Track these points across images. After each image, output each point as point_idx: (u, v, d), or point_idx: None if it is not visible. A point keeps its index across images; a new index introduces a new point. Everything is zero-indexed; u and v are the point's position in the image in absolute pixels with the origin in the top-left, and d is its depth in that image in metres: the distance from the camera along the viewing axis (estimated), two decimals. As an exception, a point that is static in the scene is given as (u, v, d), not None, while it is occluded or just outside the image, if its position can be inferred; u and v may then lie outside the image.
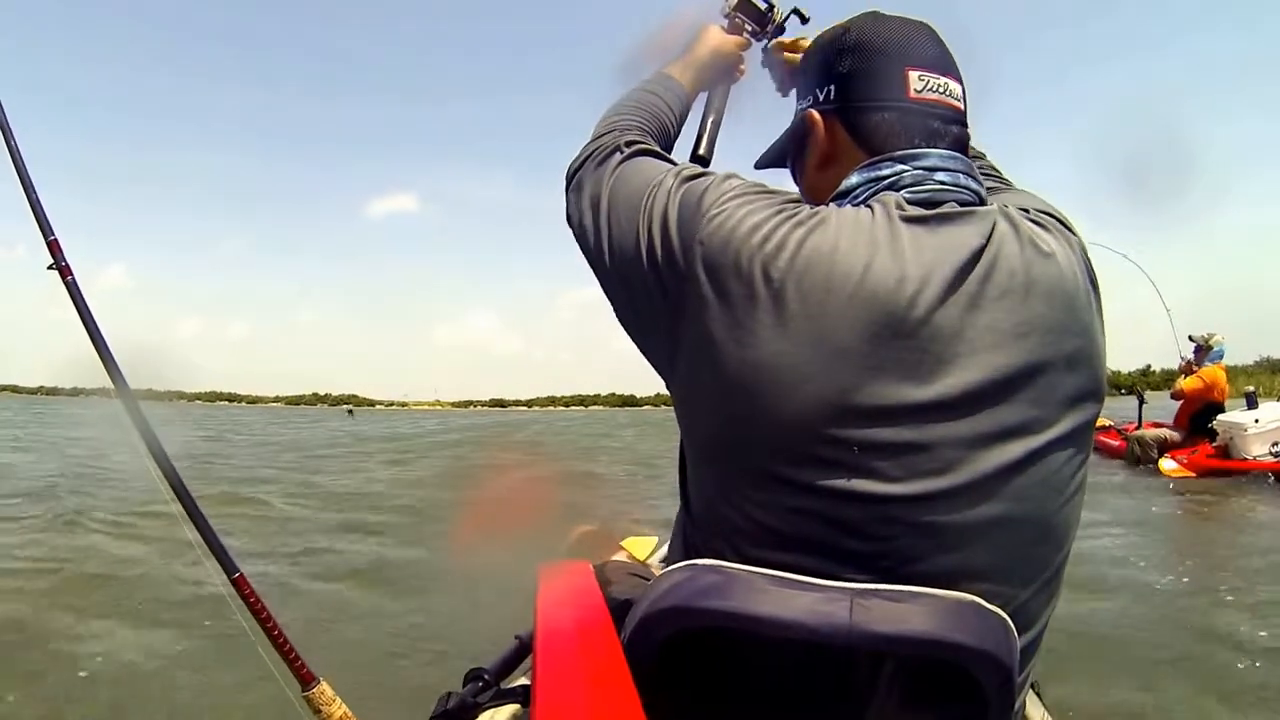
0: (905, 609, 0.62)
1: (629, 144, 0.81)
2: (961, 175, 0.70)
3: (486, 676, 0.92)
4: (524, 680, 0.93)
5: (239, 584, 1.34)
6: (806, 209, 0.65)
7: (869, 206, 0.66)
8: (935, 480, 0.61)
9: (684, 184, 0.70)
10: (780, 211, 0.65)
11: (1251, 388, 7.32)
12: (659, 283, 0.68)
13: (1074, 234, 0.70)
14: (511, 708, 0.86)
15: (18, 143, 1.51)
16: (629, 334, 0.75)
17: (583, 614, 0.74)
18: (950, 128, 0.72)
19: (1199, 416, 7.25)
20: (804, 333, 0.60)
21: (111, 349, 1.50)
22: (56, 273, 1.52)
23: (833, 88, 0.75)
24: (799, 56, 0.96)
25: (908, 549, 0.62)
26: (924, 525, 0.61)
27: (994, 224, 0.64)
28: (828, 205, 0.68)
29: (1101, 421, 9.94)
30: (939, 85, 0.72)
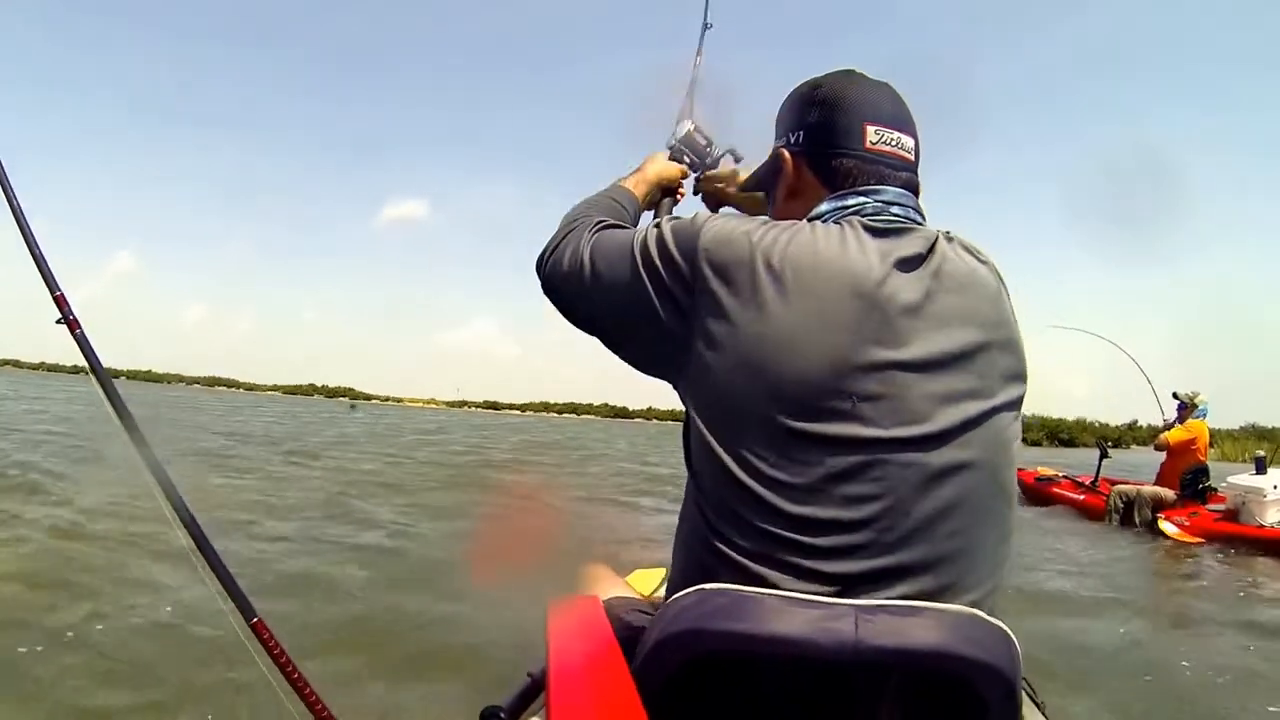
0: (908, 623, 0.66)
1: (597, 223, 0.93)
2: (912, 210, 0.84)
3: (502, 715, 0.94)
4: (537, 717, 0.95)
5: (258, 629, 1.36)
6: (786, 223, 0.79)
7: (837, 224, 0.79)
8: (912, 427, 0.71)
9: (669, 222, 0.83)
10: (763, 223, 0.78)
11: (1261, 452, 6.75)
12: (667, 296, 0.78)
13: (989, 262, 0.83)
14: None
15: (19, 202, 1.55)
16: (635, 360, 0.85)
17: (593, 648, 0.77)
18: (900, 173, 0.85)
19: (1189, 477, 6.76)
20: (803, 305, 0.72)
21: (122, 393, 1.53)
22: (65, 326, 1.57)
23: (802, 133, 0.89)
24: (732, 189, 1.19)
25: (899, 488, 0.70)
26: (906, 464, 0.70)
27: (936, 238, 0.79)
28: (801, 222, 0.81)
29: (1050, 472, 8.32)
30: (892, 139, 0.85)
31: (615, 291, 0.83)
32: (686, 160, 1.23)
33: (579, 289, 0.87)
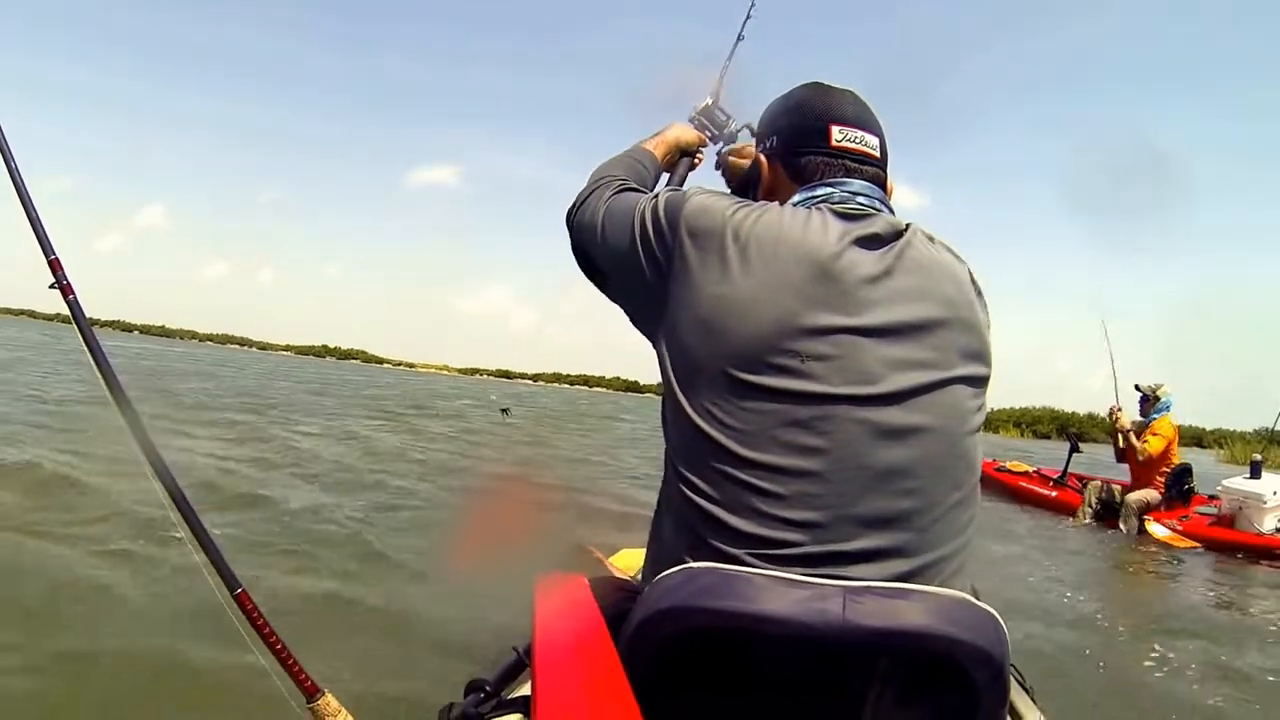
0: (897, 605, 0.67)
1: (619, 184, 1.04)
2: (878, 201, 0.91)
3: (487, 688, 0.95)
4: (524, 691, 0.96)
5: (241, 600, 1.37)
6: (759, 203, 0.87)
7: (806, 208, 0.87)
8: (862, 387, 0.76)
9: (666, 194, 0.91)
10: (739, 203, 0.86)
11: (1258, 456, 6.31)
12: (653, 260, 0.86)
13: (960, 257, 0.90)
14: (513, 718, 0.88)
15: (17, 164, 1.53)
16: (629, 313, 0.94)
17: (579, 625, 0.77)
18: (865, 168, 0.94)
19: (1174, 478, 6.39)
20: (762, 273, 0.79)
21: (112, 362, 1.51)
22: (59, 291, 1.55)
23: (775, 138, 0.99)
24: (746, 162, 1.23)
25: (851, 442, 0.75)
26: (859, 420, 0.75)
27: (906, 226, 0.86)
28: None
29: (1022, 466, 8.01)
30: (855, 137, 0.94)
31: (617, 251, 0.92)
32: (708, 132, 1.33)
33: (593, 244, 0.98)
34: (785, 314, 0.77)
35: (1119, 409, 6.66)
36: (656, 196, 0.91)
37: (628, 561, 1.43)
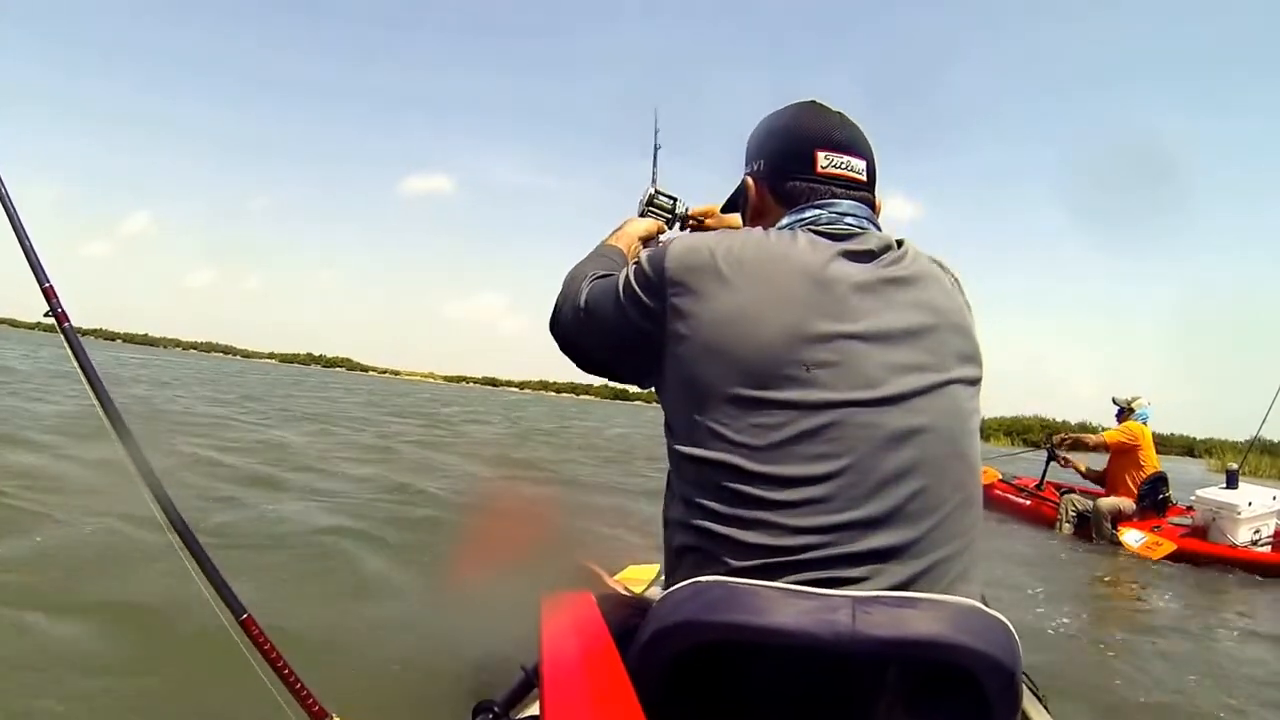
0: (905, 614, 0.67)
1: (591, 275, 1.03)
2: (866, 220, 0.92)
3: (495, 709, 0.95)
4: (532, 710, 0.95)
5: (247, 625, 1.36)
6: (742, 230, 0.90)
7: (791, 230, 0.89)
8: (866, 391, 0.77)
9: (646, 252, 0.92)
10: (720, 234, 0.88)
11: (1234, 465, 6.21)
12: (645, 312, 0.86)
13: (947, 268, 0.93)
14: None
15: (8, 191, 1.53)
16: (635, 380, 0.96)
17: (587, 643, 0.77)
18: (852, 192, 0.94)
19: (1148, 486, 6.25)
20: (755, 288, 0.81)
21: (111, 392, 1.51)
22: (54, 319, 1.55)
23: (763, 162, 1.00)
24: (712, 220, 1.33)
25: (859, 446, 0.76)
26: (863, 424, 0.76)
27: (897, 241, 0.89)
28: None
29: (991, 475, 7.84)
30: (842, 162, 0.95)
31: (607, 320, 0.92)
32: (662, 219, 1.38)
33: (580, 330, 0.98)
34: (790, 323, 0.79)
35: (1049, 437, 7.21)
36: (638, 260, 0.92)
37: (634, 578, 1.42)
